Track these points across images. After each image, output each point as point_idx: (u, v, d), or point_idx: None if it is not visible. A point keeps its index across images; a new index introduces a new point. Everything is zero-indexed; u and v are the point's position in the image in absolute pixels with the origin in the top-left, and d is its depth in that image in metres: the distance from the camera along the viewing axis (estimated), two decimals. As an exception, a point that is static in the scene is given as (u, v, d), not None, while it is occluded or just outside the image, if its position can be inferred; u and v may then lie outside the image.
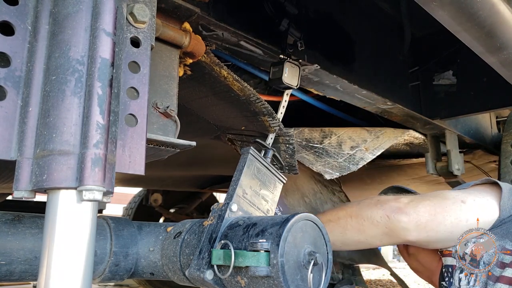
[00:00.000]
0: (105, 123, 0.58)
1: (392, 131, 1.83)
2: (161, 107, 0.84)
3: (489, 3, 0.91)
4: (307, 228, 0.83)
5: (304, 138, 1.51)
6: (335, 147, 1.55)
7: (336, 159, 1.49)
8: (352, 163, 1.51)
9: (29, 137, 0.59)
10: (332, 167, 1.43)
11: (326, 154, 1.49)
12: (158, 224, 1.07)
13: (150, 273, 1.00)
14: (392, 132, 1.83)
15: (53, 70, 0.60)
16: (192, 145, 0.86)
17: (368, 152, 1.61)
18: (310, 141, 1.51)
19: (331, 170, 1.40)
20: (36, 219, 0.86)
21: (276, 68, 1.25)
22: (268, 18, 1.25)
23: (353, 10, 1.64)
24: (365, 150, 1.61)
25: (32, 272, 0.82)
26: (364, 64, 1.62)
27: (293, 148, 1.32)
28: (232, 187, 1.03)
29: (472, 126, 2.30)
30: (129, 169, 0.67)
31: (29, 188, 0.58)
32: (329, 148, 1.53)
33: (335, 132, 1.62)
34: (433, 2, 0.87)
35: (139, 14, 0.71)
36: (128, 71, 0.70)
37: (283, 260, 0.75)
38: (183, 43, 0.92)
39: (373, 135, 1.70)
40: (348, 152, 1.55)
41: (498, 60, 1.14)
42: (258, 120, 1.26)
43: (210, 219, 0.94)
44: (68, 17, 0.61)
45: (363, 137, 1.67)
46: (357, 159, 1.54)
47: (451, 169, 2.12)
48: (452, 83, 1.91)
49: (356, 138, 1.64)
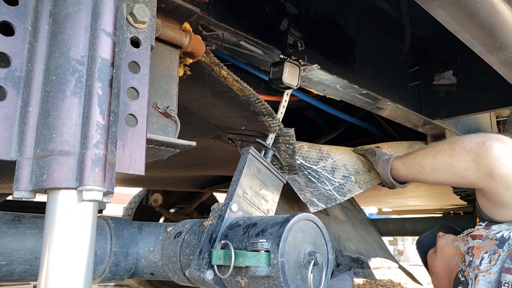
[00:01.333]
0: (105, 123, 0.58)
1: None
2: (161, 107, 0.84)
3: (489, 3, 0.91)
4: (307, 228, 0.83)
5: (301, 155, 1.50)
6: (328, 172, 1.55)
7: (326, 185, 1.49)
8: (340, 193, 1.50)
9: (29, 137, 0.59)
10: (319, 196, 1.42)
11: (318, 178, 1.49)
12: (158, 224, 1.07)
13: (150, 273, 1.00)
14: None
15: (53, 70, 0.60)
16: (192, 145, 0.86)
17: (357, 185, 1.61)
18: (306, 159, 1.51)
19: (318, 201, 1.39)
20: (36, 219, 0.86)
21: (276, 68, 1.25)
22: (268, 18, 1.25)
23: (353, 10, 1.64)
24: (355, 182, 1.61)
25: (32, 272, 0.82)
26: (364, 64, 1.62)
27: (293, 148, 1.32)
28: (232, 187, 1.03)
29: (472, 126, 2.30)
30: (129, 169, 0.67)
31: (29, 188, 0.58)
32: (322, 172, 1.53)
33: (332, 155, 1.62)
34: (433, 2, 0.87)
35: (139, 14, 0.71)
36: (128, 71, 0.70)
37: (283, 260, 0.75)
38: (183, 43, 0.92)
39: (366, 168, 1.70)
40: (338, 181, 1.55)
41: (498, 60, 1.14)
42: (258, 120, 1.26)
43: (210, 219, 0.94)
44: (68, 17, 0.61)
45: (357, 167, 1.67)
46: (345, 190, 1.54)
47: (451, 169, 2.12)
48: (452, 83, 1.91)
49: (350, 168, 1.64)
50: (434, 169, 1.40)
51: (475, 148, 1.25)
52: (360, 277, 1.77)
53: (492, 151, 1.21)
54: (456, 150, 1.32)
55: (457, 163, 1.31)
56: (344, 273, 1.46)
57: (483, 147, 1.23)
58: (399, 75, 1.86)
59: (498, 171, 1.21)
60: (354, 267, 1.73)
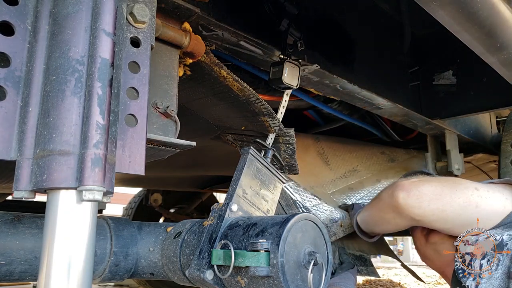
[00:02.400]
0: (105, 123, 0.58)
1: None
2: (161, 107, 0.84)
3: (489, 3, 0.91)
4: (307, 228, 0.83)
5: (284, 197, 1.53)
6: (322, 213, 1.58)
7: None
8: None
9: (29, 137, 0.59)
10: None
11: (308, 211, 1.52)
12: (158, 224, 1.07)
13: (150, 273, 1.00)
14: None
15: (53, 70, 0.60)
16: (192, 145, 0.86)
17: (341, 229, 1.65)
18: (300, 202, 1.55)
19: None
20: (36, 219, 0.86)
21: (276, 68, 1.25)
22: (268, 18, 1.24)
23: (353, 10, 1.64)
24: (341, 226, 1.64)
25: (32, 272, 0.82)
26: (364, 64, 1.62)
27: (293, 148, 1.32)
28: (232, 187, 1.03)
29: (472, 126, 2.30)
30: (129, 169, 0.67)
31: (29, 188, 0.58)
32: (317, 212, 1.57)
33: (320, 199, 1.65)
34: (433, 2, 0.87)
35: (139, 14, 0.71)
36: (128, 71, 0.70)
37: (283, 260, 0.75)
38: (183, 43, 0.92)
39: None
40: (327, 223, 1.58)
41: (498, 60, 1.14)
42: (258, 120, 1.26)
43: (210, 219, 0.94)
44: (68, 17, 0.61)
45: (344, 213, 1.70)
46: (331, 233, 1.58)
47: (451, 169, 2.13)
48: (452, 83, 1.91)
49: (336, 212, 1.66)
50: (379, 224, 1.51)
51: (388, 201, 1.37)
52: (364, 274, 1.78)
53: (399, 201, 1.31)
54: (381, 205, 1.43)
55: (387, 217, 1.42)
56: (347, 271, 1.47)
57: (393, 199, 1.34)
58: (399, 75, 1.86)
59: (413, 214, 1.31)
60: (358, 265, 1.74)
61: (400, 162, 2.19)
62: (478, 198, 1.26)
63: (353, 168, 1.99)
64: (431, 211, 1.27)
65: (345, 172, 1.95)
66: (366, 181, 1.98)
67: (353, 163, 2.01)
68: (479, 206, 1.25)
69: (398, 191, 1.32)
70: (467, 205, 1.25)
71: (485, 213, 1.25)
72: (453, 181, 1.34)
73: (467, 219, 1.26)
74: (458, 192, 1.27)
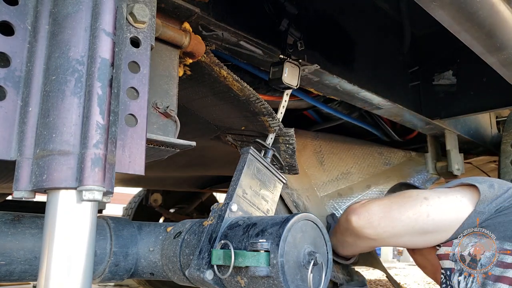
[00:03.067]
0: (105, 123, 0.58)
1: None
2: (161, 107, 0.84)
3: (489, 3, 0.91)
4: (307, 228, 0.83)
5: None
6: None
7: None
8: None
9: (29, 137, 0.59)
10: None
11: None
12: (158, 224, 1.07)
13: (150, 273, 1.00)
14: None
15: (53, 70, 0.60)
16: (192, 145, 0.86)
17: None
18: None
19: None
20: (36, 219, 0.86)
21: (276, 68, 1.25)
22: (268, 18, 1.25)
23: (353, 10, 1.64)
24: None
25: (32, 272, 0.82)
26: (364, 64, 1.62)
27: (293, 148, 1.32)
28: (232, 187, 1.03)
29: (472, 126, 2.30)
30: (129, 169, 0.67)
31: (29, 188, 0.58)
32: None
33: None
34: (433, 2, 0.87)
35: (139, 14, 0.71)
36: (128, 71, 0.70)
37: (283, 260, 0.75)
38: (183, 43, 0.92)
39: None
40: None
41: (498, 60, 1.14)
42: (258, 120, 1.26)
43: (210, 219, 0.94)
44: (68, 17, 0.61)
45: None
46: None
47: (451, 169, 2.13)
48: (452, 83, 1.91)
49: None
50: (345, 247, 1.54)
51: (346, 226, 1.40)
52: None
53: (353, 225, 1.35)
54: (342, 230, 1.46)
55: (349, 240, 1.46)
56: None
57: (348, 223, 1.37)
58: (399, 75, 1.86)
59: (367, 235, 1.34)
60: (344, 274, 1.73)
61: (394, 166, 2.18)
62: (427, 207, 1.27)
63: (346, 170, 1.98)
64: (382, 228, 1.30)
65: (338, 175, 1.94)
66: (356, 187, 1.97)
67: (348, 164, 2.00)
68: (431, 215, 1.26)
69: (350, 215, 1.35)
70: (417, 217, 1.26)
71: (439, 219, 1.26)
72: (402, 196, 1.36)
73: (423, 228, 1.27)
74: (407, 205, 1.29)
